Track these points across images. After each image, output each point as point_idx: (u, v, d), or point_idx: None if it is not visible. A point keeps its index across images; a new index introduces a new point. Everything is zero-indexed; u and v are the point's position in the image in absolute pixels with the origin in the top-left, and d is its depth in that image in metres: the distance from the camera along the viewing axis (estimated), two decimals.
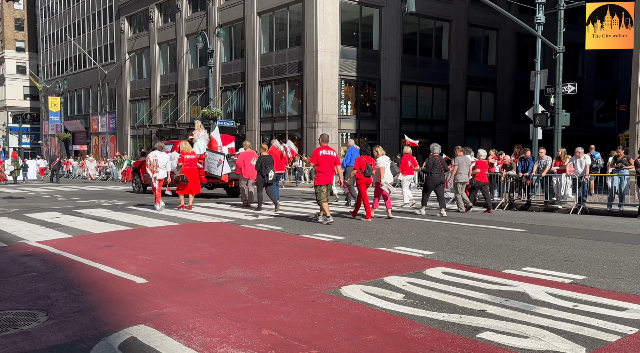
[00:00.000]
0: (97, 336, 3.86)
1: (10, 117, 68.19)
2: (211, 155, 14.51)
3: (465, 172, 12.90)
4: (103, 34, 48.54)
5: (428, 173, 12.07)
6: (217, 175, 14.44)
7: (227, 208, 13.41)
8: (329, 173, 10.51)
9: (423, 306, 4.59)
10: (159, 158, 12.91)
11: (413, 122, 32.33)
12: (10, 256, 7.00)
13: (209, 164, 14.52)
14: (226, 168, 14.34)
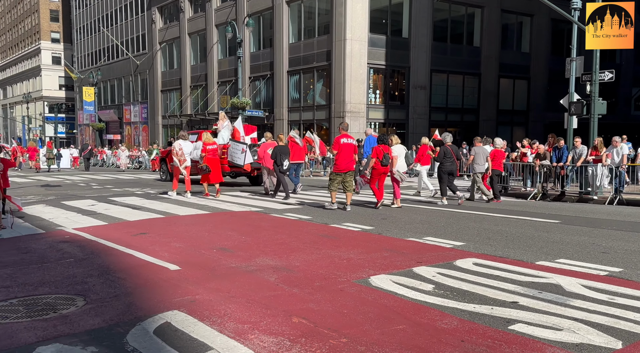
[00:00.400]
0: (133, 321, 3.97)
1: (47, 107, 70.24)
2: (234, 145, 14.84)
3: (483, 162, 12.86)
4: (135, 24, 49.31)
5: (440, 162, 12.15)
6: (240, 164, 14.75)
7: (256, 197, 13.54)
8: (350, 160, 10.71)
9: (453, 297, 4.56)
10: (184, 147, 13.27)
11: (443, 111, 31.91)
12: (48, 242, 7.24)
13: (232, 154, 14.85)
14: (248, 158, 14.64)
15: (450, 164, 11.95)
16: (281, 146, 13.30)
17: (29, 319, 4.03)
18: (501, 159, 13.30)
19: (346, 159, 10.65)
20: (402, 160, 11.77)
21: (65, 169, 31.16)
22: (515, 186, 15.95)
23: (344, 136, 10.86)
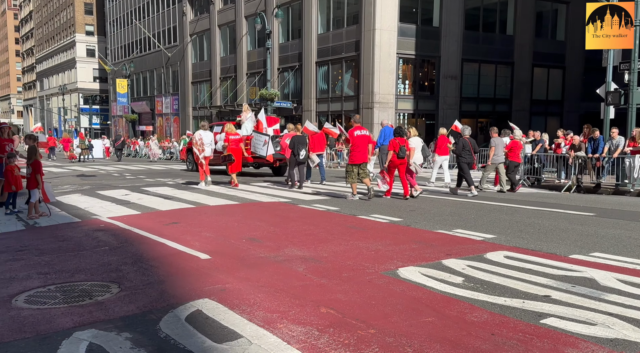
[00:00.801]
0: (166, 308, 4.06)
1: (82, 99, 72.02)
2: (257, 136, 15.13)
3: (501, 153, 12.94)
4: (166, 17, 49.95)
5: (458, 155, 12.21)
6: (263, 155, 15.03)
7: (284, 188, 13.62)
8: (364, 152, 11.00)
9: (483, 291, 4.51)
10: (204, 137, 13.60)
11: (474, 102, 31.36)
12: (84, 231, 7.46)
13: (255, 145, 15.14)
14: (271, 149, 14.92)
15: (468, 157, 12.06)
16: (298, 136, 13.53)
17: (66, 305, 4.17)
18: (518, 150, 13.34)
19: (361, 151, 10.92)
20: (418, 152, 11.99)
21: (97, 159, 32.10)
22: (549, 177, 15.60)
23: (357, 128, 11.10)
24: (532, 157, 15.45)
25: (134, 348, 3.32)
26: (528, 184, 15.18)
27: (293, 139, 13.44)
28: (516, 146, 13.22)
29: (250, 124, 15.64)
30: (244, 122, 15.86)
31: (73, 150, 31.36)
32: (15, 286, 4.69)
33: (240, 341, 3.41)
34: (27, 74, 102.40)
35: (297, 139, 13.41)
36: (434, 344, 3.36)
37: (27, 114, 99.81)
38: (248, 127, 15.62)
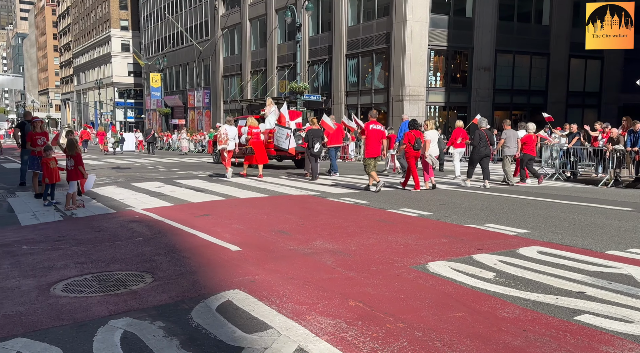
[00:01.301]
0: (197, 298, 4.14)
1: (117, 93, 73.72)
2: (280, 129, 15.55)
3: (514, 145, 13.07)
4: (198, 11, 50.53)
5: (475, 146, 12.40)
6: (285, 148, 15.50)
7: (309, 180, 13.65)
8: (377, 146, 11.28)
9: (516, 286, 4.43)
10: (229, 131, 14.12)
11: (508, 93, 30.69)
12: (119, 221, 7.66)
13: (277, 138, 15.62)
14: (293, 142, 15.40)
15: (484, 149, 12.29)
16: (314, 130, 13.99)
17: (102, 294, 4.30)
18: (533, 143, 13.43)
19: (375, 145, 11.24)
20: (434, 145, 12.15)
21: (128, 151, 33.17)
22: (586, 172, 15.18)
23: (372, 123, 11.43)
24: (568, 150, 15.05)
25: (166, 336, 3.40)
26: (564, 179, 14.81)
27: (308, 132, 13.90)
28: (530, 140, 13.32)
29: (273, 118, 15.97)
30: (267, 116, 16.19)
31: (107, 143, 32.51)
32: (54, 275, 4.86)
33: (270, 332, 3.45)
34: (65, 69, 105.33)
35: (312, 133, 13.83)
36: (463, 339, 3.33)
37: (65, 107, 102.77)
38: (271, 121, 15.93)
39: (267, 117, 16.21)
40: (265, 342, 3.30)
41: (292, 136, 15.37)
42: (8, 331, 3.51)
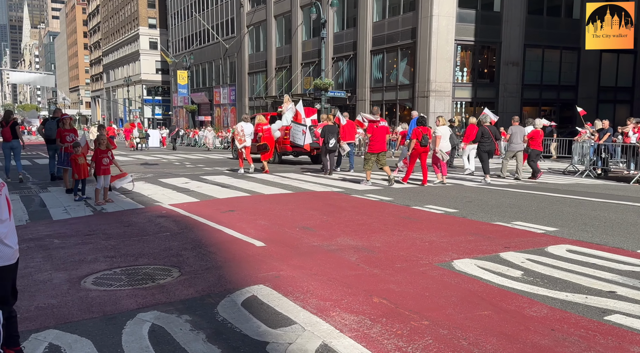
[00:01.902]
0: (223, 293, 4.20)
1: (145, 90, 74.95)
2: (295, 126, 16.07)
3: (519, 141, 13.30)
4: (224, 9, 50.94)
5: (479, 142, 12.69)
6: (300, 144, 16.01)
7: (337, 177, 13.65)
8: (382, 142, 11.72)
9: (544, 285, 4.35)
10: (245, 128, 14.59)
11: (537, 89, 30.05)
12: (147, 217, 7.80)
13: (293, 135, 16.13)
14: (308, 138, 15.89)
15: (488, 144, 12.53)
16: (329, 126, 14.44)
17: (131, 287, 4.39)
18: (540, 139, 13.74)
19: (379, 141, 11.65)
20: (445, 141, 12.43)
21: (153, 147, 34.09)
22: (617, 169, 14.80)
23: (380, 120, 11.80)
24: (599, 147, 14.68)
25: (193, 330, 3.45)
26: (594, 176, 14.46)
27: (324, 129, 14.33)
28: (537, 135, 13.60)
29: (290, 115, 16.43)
30: (284, 114, 16.65)
31: (133, 139, 33.56)
32: (84, 269, 4.98)
33: (294, 327, 3.48)
34: (95, 67, 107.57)
35: (328, 129, 14.29)
36: (490, 338, 3.29)
37: (95, 105, 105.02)
38: (288, 118, 16.41)
39: (284, 114, 16.70)
40: (290, 337, 3.32)
41: (307, 133, 15.81)
42: (41, 323, 3.62)
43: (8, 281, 2.81)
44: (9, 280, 2.81)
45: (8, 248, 2.76)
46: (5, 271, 2.77)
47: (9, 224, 2.79)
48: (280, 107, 17.66)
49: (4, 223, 2.76)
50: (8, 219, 2.79)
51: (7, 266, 2.78)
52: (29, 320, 3.65)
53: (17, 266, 2.87)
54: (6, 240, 2.76)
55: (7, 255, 2.76)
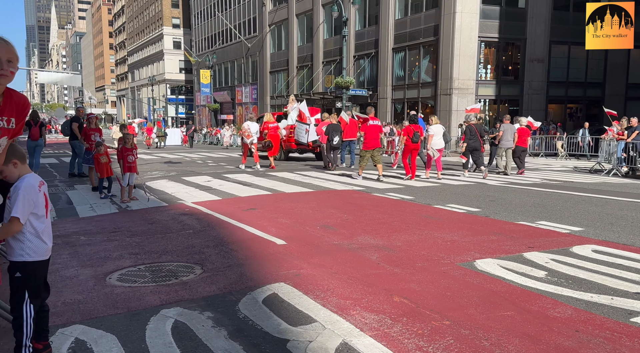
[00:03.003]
0: (244, 290, 4.24)
1: (169, 89, 75.93)
2: (299, 125, 17.27)
3: (510, 139, 14.13)
4: (247, 8, 51.25)
5: (467, 139, 13.55)
6: (304, 142, 17.38)
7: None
8: (376, 139, 12.42)
9: (568, 286, 4.28)
10: (251, 127, 15.58)
11: (563, 86, 29.48)
12: (171, 214, 7.91)
13: (297, 133, 17.33)
14: (311, 136, 17.01)
15: (474, 141, 13.39)
16: (333, 124, 15.51)
17: (154, 284, 4.46)
18: (526, 136, 14.48)
19: (373, 139, 12.38)
20: (438, 138, 13.01)
21: (172, 145, 35.41)
22: None
23: (370, 119, 12.63)
24: (626, 145, 14.34)
25: (215, 327, 3.49)
26: (622, 174, 14.13)
27: (328, 127, 15.39)
28: (523, 133, 14.31)
29: (294, 114, 17.49)
30: (289, 113, 17.73)
31: (149, 138, 34.96)
32: (109, 265, 5.08)
33: (315, 325, 3.49)
34: (120, 66, 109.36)
35: (331, 127, 15.34)
36: (512, 339, 3.25)
37: (120, 104, 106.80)
38: (293, 117, 17.46)
39: (289, 113, 17.83)
40: (310, 335, 3.33)
41: (310, 131, 16.92)
42: (67, 318, 3.71)
43: (41, 276, 2.92)
44: (41, 275, 2.92)
45: (44, 243, 2.88)
46: (39, 266, 2.88)
47: (45, 221, 2.90)
48: (286, 107, 18.70)
49: (41, 220, 2.87)
50: (44, 217, 2.90)
51: (41, 261, 2.89)
52: (56, 315, 3.74)
53: (49, 262, 2.98)
54: (43, 236, 2.88)
55: (42, 250, 2.88)
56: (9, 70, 2.62)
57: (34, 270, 2.85)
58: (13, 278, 2.83)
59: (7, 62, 2.61)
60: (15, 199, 2.76)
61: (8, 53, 2.62)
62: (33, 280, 2.86)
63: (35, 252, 2.85)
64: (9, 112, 2.74)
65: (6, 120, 2.74)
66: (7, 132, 2.77)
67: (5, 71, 2.60)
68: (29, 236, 2.82)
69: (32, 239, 2.83)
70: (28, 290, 2.84)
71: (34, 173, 2.94)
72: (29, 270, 2.84)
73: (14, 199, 2.76)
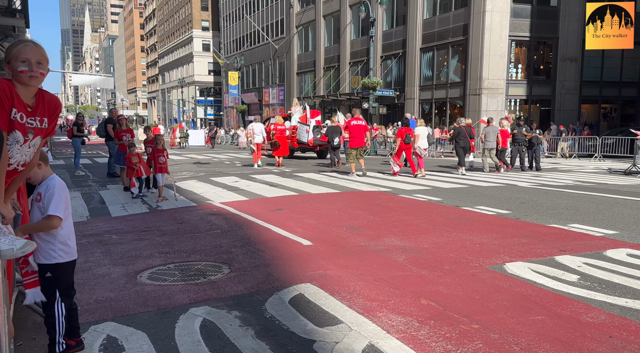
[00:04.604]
0: (271, 290, 4.27)
1: (198, 91, 77.02)
2: (300, 126, 19.52)
3: (493, 139, 15.12)
4: (274, 10, 51.60)
5: (455, 140, 14.52)
6: (304, 141, 19.55)
7: (384, 177, 13.56)
8: (360, 138, 13.46)
9: (602, 290, 4.17)
10: (255, 128, 16.82)
11: (597, 86, 28.69)
12: (199, 214, 8.03)
13: (299, 133, 19.43)
14: (311, 135, 19.20)
15: (463, 142, 14.32)
16: (333, 126, 17.07)
17: (183, 283, 4.53)
18: (506, 138, 15.50)
19: (357, 137, 13.45)
20: (422, 139, 14.09)
21: (194, 146, 37.12)
22: None
23: (354, 119, 13.66)
24: None
25: (242, 326, 3.53)
26: None
27: (328, 129, 16.88)
28: (502, 134, 15.35)
29: (297, 116, 19.69)
30: (293, 115, 19.86)
31: (175, 138, 36.72)
32: (140, 264, 5.19)
33: (341, 326, 3.49)
34: (151, 69, 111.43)
35: (331, 129, 16.87)
36: (543, 343, 3.19)
37: (151, 105, 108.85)
38: (295, 119, 19.65)
39: (293, 115, 20.03)
40: (337, 336, 3.33)
41: (310, 132, 19.02)
42: (99, 315, 3.80)
43: (70, 275, 3.01)
44: (71, 275, 3.01)
45: (71, 244, 2.98)
46: (69, 267, 2.97)
47: (70, 220, 2.98)
48: (290, 110, 20.71)
49: (68, 220, 2.95)
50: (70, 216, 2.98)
51: (71, 261, 2.97)
52: (89, 313, 3.84)
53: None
54: (70, 237, 2.97)
55: (72, 251, 2.99)
56: (38, 71, 2.69)
57: (64, 271, 2.93)
58: (44, 279, 2.91)
59: (37, 64, 2.69)
60: (50, 198, 2.82)
61: (37, 55, 2.70)
62: (63, 280, 2.94)
63: (66, 253, 2.93)
64: (41, 112, 2.82)
65: (39, 120, 2.81)
66: (40, 132, 2.85)
67: (35, 73, 2.68)
68: (60, 238, 2.90)
69: (63, 240, 2.91)
70: (59, 289, 2.92)
71: (55, 174, 3.02)
72: (60, 270, 2.91)
73: (49, 197, 2.83)
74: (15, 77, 2.68)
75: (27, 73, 2.65)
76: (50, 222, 2.81)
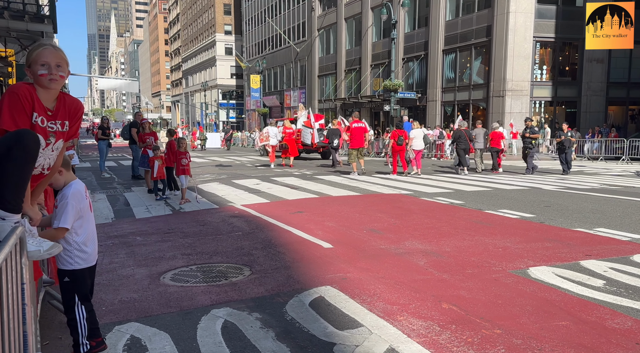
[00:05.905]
0: (291, 292, 4.28)
1: (220, 94, 77.79)
2: (304, 129, 21.30)
3: (481, 141, 16.26)
4: (296, 13, 51.83)
5: (457, 142, 15.42)
6: (308, 143, 21.23)
7: (405, 179, 13.48)
8: (360, 139, 14.49)
9: (628, 296, 4.08)
10: (270, 131, 18.31)
11: (624, 87, 28.06)
12: (221, 216, 8.11)
13: (303, 136, 21.25)
14: (315, 138, 20.93)
15: (463, 144, 15.25)
16: (333, 129, 18.14)
17: (205, 284, 4.58)
18: (499, 139, 16.17)
19: (357, 139, 14.48)
20: (418, 141, 14.87)
21: (212, 148, 38.14)
22: None
23: (355, 122, 14.71)
24: None
25: (263, 328, 3.55)
26: None
27: (329, 131, 18.13)
28: (495, 136, 16.14)
29: (302, 120, 21.60)
30: (299, 119, 21.90)
31: (195, 141, 38.05)
32: (163, 265, 5.26)
33: (361, 330, 3.48)
34: (175, 73, 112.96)
35: (331, 131, 18.04)
36: (567, 349, 3.13)
37: (175, 109, 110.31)
38: (301, 122, 21.48)
39: (298, 119, 22.12)
40: (357, 340, 3.33)
41: (315, 134, 20.78)
42: (123, 315, 3.87)
43: (88, 281, 3.06)
44: (89, 280, 3.07)
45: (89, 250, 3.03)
46: (86, 273, 3.03)
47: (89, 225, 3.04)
48: (296, 113, 22.84)
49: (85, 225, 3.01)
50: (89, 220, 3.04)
51: (89, 267, 3.03)
52: (113, 313, 3.91)
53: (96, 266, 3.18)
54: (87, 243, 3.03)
55: (90, 258, 3.04)
56: (58, 74, 2.72)
57: (81, 277, 2.98)
58: (62, 283, 2.98)
59: (56, 67, 2.71)
60: (63, 208, 2.86)
61: (57, 58, 2.74)
62: (81, 285, 2.99)
63: (83, 260, 2.98)
64: (62, 115, 2.83)
65: (60, 123, 2.82)
66: (62, 135, 2.86)
67: (54, 76, 2.71)
68: (76, 245, 2.94)
69: (79, 247, 2.95)
70: (77, 294, 2.97)
71: (78, 179, 3.07)
72: (77, 276, 2.97)
73: (62, 207, 2.86)
74: (36, 81, 2.71)
75: (47, 76, 2.68)
76: (57, 233, 2.85)
